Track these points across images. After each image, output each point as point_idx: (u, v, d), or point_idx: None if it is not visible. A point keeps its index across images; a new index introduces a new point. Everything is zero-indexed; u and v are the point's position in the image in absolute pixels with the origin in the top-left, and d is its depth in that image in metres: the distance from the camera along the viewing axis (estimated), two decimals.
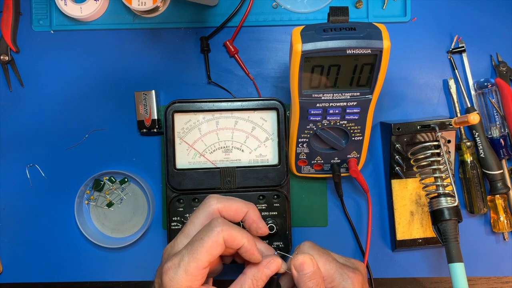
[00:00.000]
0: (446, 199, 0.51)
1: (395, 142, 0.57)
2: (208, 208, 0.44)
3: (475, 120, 0.48)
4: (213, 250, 0.40)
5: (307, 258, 0.43)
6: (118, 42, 0.61)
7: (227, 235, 0.40)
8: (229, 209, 0.44)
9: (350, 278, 0.44)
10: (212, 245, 0.40)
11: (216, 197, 0.45)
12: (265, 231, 0.46)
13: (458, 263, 0.49)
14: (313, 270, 0.43)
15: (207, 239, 0.40)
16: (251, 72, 0.61)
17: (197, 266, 0.40)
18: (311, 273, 0.43)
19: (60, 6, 0.59)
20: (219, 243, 0.40)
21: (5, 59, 0.61)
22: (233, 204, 0.45)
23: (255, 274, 0.43)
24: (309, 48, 0.44)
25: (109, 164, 0.61)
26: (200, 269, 0.40)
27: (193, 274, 0.40)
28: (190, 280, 0.40)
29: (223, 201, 0.45)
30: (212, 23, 0.61)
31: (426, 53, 0.61)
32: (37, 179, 0.61)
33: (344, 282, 0.44)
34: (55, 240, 0.61)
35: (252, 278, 0.42)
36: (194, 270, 0.40)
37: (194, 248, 0.40)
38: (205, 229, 0.41)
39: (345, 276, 0.44)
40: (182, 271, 0.40)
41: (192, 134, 0.57)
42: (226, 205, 0.44)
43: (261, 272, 0.43)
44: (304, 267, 0.43)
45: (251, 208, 0.46)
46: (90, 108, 0.61)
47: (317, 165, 0.57)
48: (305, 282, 0.43)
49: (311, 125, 0.52)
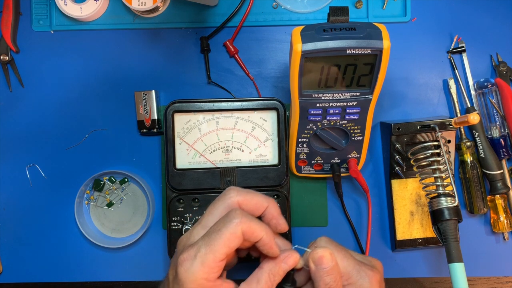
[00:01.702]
0: (446, 199, 0.51)
1: (395, 142, 0.57)
2: (227, 200, 0.42)
3: (475, 120, 0.48)
4: (231, 242, 0.39)
5: (326, 252, 0.42)
6: (118, 42, 0.61)
7: (246, 227, 0.39)
8: (249, 202, 0.43)
9: (368, 276, 0.43)
10: (230, 237, 0.39)
11: (236, 189, 0.43)
12: (285, 227, 0.45)
13: (458, 263, 0.49)
14: (332, 265, 0.41)
15: (225, 230, 0.39)
16: (251, 72, 0.61)
17: (214, 258, 0.38)
18: (330, 268, 0.41)
19: (60, 6, 0.59)
20: (237, 235, 0.39)
21: (5, 59, 0.61)
22: (253, 198, 0.43)
23: (272, 268, 0.41)
24: (309, 48, 0.44)
25: (109, 164, 0.61)
26: (217, 261, 0.39)
27: (210, 266, 0.38)
28: (206, 272, 0.38)
29: (243, 194, 0.43)
30: (212, 23, 0.61)
31: (426, 53, 0.61)
32: (37, 179, 0.61)
33: (361, 280, 0.43)
34: (55, 240, 0.61)
35: (269, 272, 0.41)
36: (211, 262, 0.38)
37: (211, 240, 0.39)
38: (223, 220, 0.40)
39: (362, 273, 0.43)
40: (199, 262, 0.38)
41: (192, 134, 0.57)
42: (246, 198, 0.43)
43: (278, 266, 0.41)
44: (323, 261, 0.41)
45: (272, 203, 0.44)
46: (90, 108, 0.61)
47: (317, 165, 0.57)
48: (322, 277, 0.41)
49: (311, 125, 0.52)
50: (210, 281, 0.39)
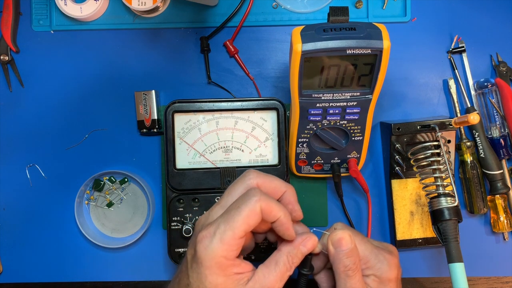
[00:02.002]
0: (446, 199, 0.51)
1: (395, 142, 0.57)
2: (247, 181, 0.42)
3: (475, 120, 0.48)
4: (250, 219, 0.38)
5: (346, 234, 0.41)
6: (118, 42, 0.61)
7: (264, 205, 0.39)
8: (268, 185, 0.43)
9: (386, 259, 0.43)
10: (249, 213, 0.38)
11: (255, 172, 0.43)
12: (300, 215, 0.44)
13: (458, 263, 0.49)
14: (351, 247, 0.41)
15: (244, 207, 0.39)
16: (251, 72, 0.61)
17: (233, 235, 0.38)
18: (349, 250, 0.41)
19: (60, 6, 0.59)
20: (256, 212, 0.39)
21: (5, 59, 0.61)
22: (272, 181, 0.43)
23: (290, 251, 0.41)
24: (309, 48, 0.44)
25: (109, 164, 0.61)
26: (236, 238, 0.38)
27: (229, 244, 0.38)
28: (225, 250, 0.38)
29: (262, 176, 0.43)
30: (212, 23, 0.61)
31: (426, 53, 0.61)
32: (37, 179, 0.61)
33: (380, 263, 0.43)
34: (55, 240, 0.61)
35: (288, 254, 0.41)
36: (230, 239, 0.38)
37: (230, 217, 0.39)
38: (242, 198, 0.40)
39: (380, 257, 0.43)
40: (218, 239, 0.38)
41: (192, 134, 0.57)
42: (265, 181, 0.43)
43: (297, 249, 0.41)
44: (343, 243, 0.41)
45: (290, 188, 0.44)
46: (90, 108, 0.61)
47: (317, 165, 0.57)
48: (342, 260, 0.41)
49: (311, 125, 0.52)
50: (229, 260, 0.39)
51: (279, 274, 0.40)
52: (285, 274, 0.41)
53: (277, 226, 0.41)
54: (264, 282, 0.39)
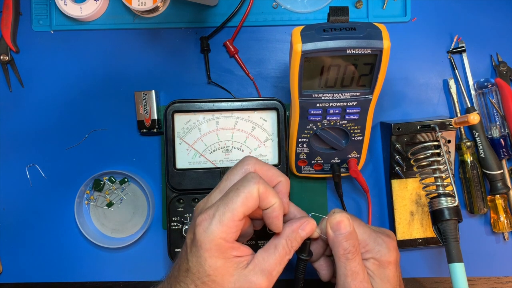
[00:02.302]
0: (446, 199, 0.51)
1: (395, 142, 0.57)
2: (246, 166, 0.43)
3: (475, 120, 0.48)
4: (248, 201, 0.39)
5: (344, 217, 0.42)
6: (118, 42, 0.61)
7: (262, 188, 0.39)
8: (265, 173, 0.43)
9: (385, 242, 0.44)
10: (247, 195, 0.39)
11: (254, 158, 0.44)
12: (287, 208, 0.45)
13: (458, 263, 0.49)
14: (350, 230, 0.42)
15: (243, 189, 0.39)
16: (251, 72, 0.61)
17: (232, 216, 0.38)
18: (348, 233, 0.42)
19: (60, 6, 0.59)
20: (254, 195, 0.39)
21: (5, 59, 0.61)
22: (269, 169, 0.44)
23: (289, 235, 0.41)
24: (309, 48, 0.44)
25: (109, 164, 0.61)
26: (236, 220, 0.39)
27: (228, 226, 0.38)
28: (224, 232, 0.38)
29: (260, 164, 0.44)
30: (212, 23, 0.61)
31: (426, 53, 0.61)
32: (37, 179, 0.61)
33: (378, 247, 0.43)
34: (55, 240, 0.61)
35: (287, 238, 0.41)
36: (229, 221, 0.38)
37: (229, 199, 0.39)
38: (240, 181, 0.40)
39: (379, 240, 0.43)
40: (217, 221, 0.38)
41: (192, 134, 0.57)
42: (262, 168, 0.43)
43: (295, 233, 0.41)
44: (341, 226, 0.42)
45: (285, 179, 0.45)
46: (90, 108, 0.61)
47: (317, 165, 0.57)
48: (341, 243, 0.41)
49: (311, 125, 0.52)
50: (228, 242, 0.39)
51: (279, 257, 0.40)
52: (285, 258, 0.41)
53: (268, 213, 0.41)
54: (264, 265, 0.40)
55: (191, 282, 0.39)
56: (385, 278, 0.43)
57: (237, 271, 0.39)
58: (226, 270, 0.39)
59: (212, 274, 0.38)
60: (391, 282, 0.43)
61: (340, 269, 0.42)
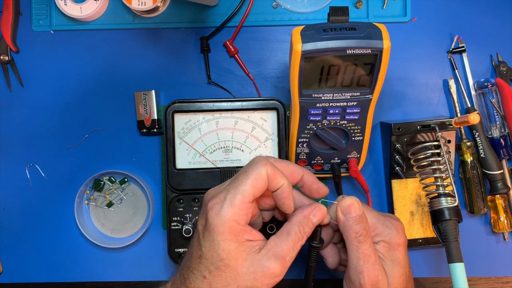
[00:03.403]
0: (446, 199, 0.51)
1: (395, 142, 0.57)
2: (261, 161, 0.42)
3: (475, 120, 0.48)
4: (258, 182, 0.39)
5: (354, 200, 0.43)
6: (118, 42, 0.61)
7: (270, 169, 0.40)
8: (284, 170, 0.43)
9: (393, 225, 0.44)
10: (256, 176, 0.39)
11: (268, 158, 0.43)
12: (327, 190, 0.46)
13: (458, 263, 0.49)
14: (360, 213, 0.42)
15: (251, 171, 0.40)
16: (251, 72, 0.61)
17: (243, 198, 0.39)
18: (359, 216, 0.42)
19: (60, 6, 0.59)
20: (263, 176, 0.40)
21: (5, 59, 0.61)
22: (289, 165, 0.44)
23: (301, 221, 0.41)
24: (309, 48, 0.44)
25: (109, 164, 0.61)
26: (246, 202, 0.39)
27: (240, 207, 0.39)
28: (236, 214, 0.39)
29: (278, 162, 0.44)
30: (212, 23, 0.61)
31: (426, 53, 0.61)
32: (37, 179, 0.61)
33: (388, 229, 0.44)
34: (55, 240, 0.61)
35: (299, 224, 0.41)
36: (240, 202, 0.39)
37: (238, 181, 0.40)
38: (249, 164, 0.41)
39: (388, 223, 0.44)
40: (228, 203, 0.39)
41: (192, 134, 0.57)
42: (281, 166, 0.43)
43: (307, 219, 0.42)
44: (351, 209, 0.42)
45: (306, 171, 0.45)
46: (90, 108, 0.61)
47: (317, 165, 0.57)
48: (352, 226, 0.42)
49: (311, 125, 0.52)
50: (240, 224, 0.39)
51: (291, 243, 0.40)
52: (297, 244, 0.41)
53: (278, 195, 0.41)
54: (277, 251, 0.40)
55: (204, 269, 0.39)
56: (395, 260, 0.44)
57: (250, 256, 0.39)
58: (239, 254, 0.39)
59: (225, 258, 0.39)
60: (401, 264, 0.44)
61: (352, 253, 0.42)
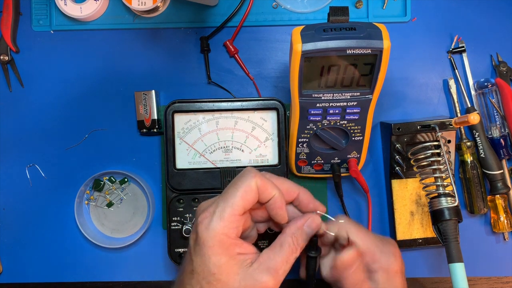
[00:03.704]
0: (446, 199, 0.51)
1: (395, 142, 0.57)
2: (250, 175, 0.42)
3: (475, 120, 0.48)
4: (247, 195, 0.39)
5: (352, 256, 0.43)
6: (118, 42, 0.61)
7: (260, 181, 0.40)
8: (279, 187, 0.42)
9: (391, 251, 0.44)
10: (246, 189, 0.39)
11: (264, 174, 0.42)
12: (324, 209, 0.45)
13: (458, 263, 0.49)
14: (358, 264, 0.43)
15: (240, 183, 0.39)
16: (251, 72, 0.61)
17: (232, 211, 0.39)
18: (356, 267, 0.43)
19: (60, 6, 0.59)
20: (252, 187, 0.39)
21: (5, 59, 0.61)
22: (284, 182, 0.43)
23: (294, 232, 0.41)
24: (309, 48, 0.44)
25: (109, 164, 0.61)
26: (236, 214, 0.39)
27: (229, 220, 0.38)
28: (225, 227, 0.38)
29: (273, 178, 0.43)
30: (212, 23, 0.61)
31: (426, 53, 0.61)
32: (37, 179, 0.61)
33: (385, 256, 0.44)
34: (55, 240, 0.61)
35: (292, 236, 0.41)
36: (229, 216, 0.38)
37: (228, 195, 0.39)
38: (238, 177, 0.41)
39: (385, 249, 0.44)
40: (217, 217, 0.38)
41: (192, 134, 0.57)
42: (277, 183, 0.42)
43: (301, 230, 0.41)
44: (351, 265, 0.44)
45: (302, 189, 0.45)
46: (90, 108, 0.61)
47: (317, 165, 0.57)
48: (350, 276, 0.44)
49: (311, 125, 0.52)
50: (230, 237, 0.39)
51: (285, 255, 0.40)
52: (291, 256, 0.40)
53: (270, 205, 0.41)
54: (270, 264, 0.39)
55: (196, 283, 0.39)
56: None
57: (242, 270, 0.39)
58: (231, 269, 0.38)
59: (216, 273, 0.38)
60: None
61: None
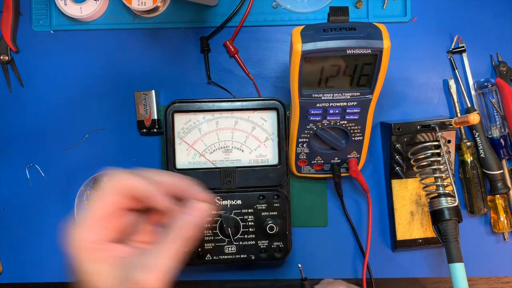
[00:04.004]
0: (446, 199, 0.51)
1: (395, 142, 0.57)
2: None
3: (475, 120, 0.48)
4: (105, 197, 0.37)
5: None
6: (118, 42, 0.61)
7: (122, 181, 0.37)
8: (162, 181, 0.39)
9: None
10: (102, 192, 0.37)
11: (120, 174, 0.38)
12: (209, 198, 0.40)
13: (458, 263, 0.49)
14: None
15: (100, 189, 0.37)
16: (251, 72, 0.61)
17: (91, 216, 0.36)
18: None
19: (60, 6, 0.59)
20: (110, 190, 0.37)
21: (5, 59, 0.61)
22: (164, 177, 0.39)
23: (179, 224, 0.37)
24: (309, 48, 0.44)
25: (109, 164, 0.61)
26: (95, 218, 0.36)
27: (89, 225, 0.36)
28: (85, 232, 0.35)
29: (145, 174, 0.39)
30: (212, 23, 0.61)
31: (426, 53, 0.61)
32: (37, 179, 0.61)
33: None
34: (55, 240, 0.61)
35: (177, 228, 0.37)
36: (88, 221, 0.36)
37: (90, 204, 0.37)
38: None
39: None
40: (77, 227, 0.36)
41: (192, 134, 0.57)
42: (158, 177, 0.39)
43: (183, 220, 0.38)
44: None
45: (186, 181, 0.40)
46: (90, 108, 0.61)
47: (317, 165, 0.57)
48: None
49: (311, 125, 0.52)
50: (95, 243, 0.36)
51: (167, 250, 0.36)
52: (177, 251, 0.36)
53: (144, 198, 0.38)
54: (148, 260, 0.36)
55: None
56: None
57: (116, 272, 0.36)
58: (106, 273, 0.36)
59: (92, 279, 0.36)
60: None
61: None
